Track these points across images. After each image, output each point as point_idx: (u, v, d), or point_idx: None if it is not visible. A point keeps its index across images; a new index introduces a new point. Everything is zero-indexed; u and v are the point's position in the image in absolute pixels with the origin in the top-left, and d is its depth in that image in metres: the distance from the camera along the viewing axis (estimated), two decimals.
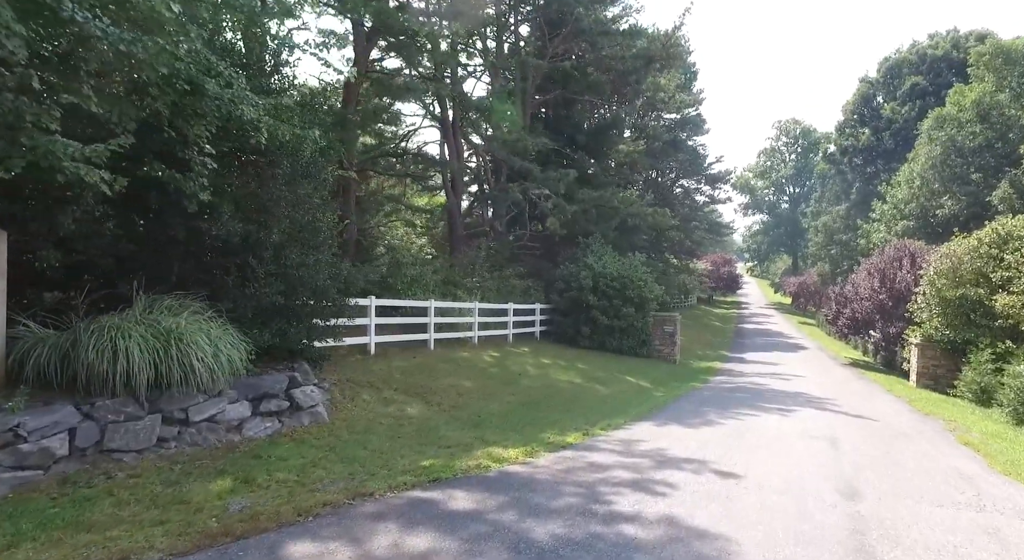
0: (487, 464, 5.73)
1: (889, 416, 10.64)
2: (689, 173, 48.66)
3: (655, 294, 19.99)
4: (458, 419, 8.32)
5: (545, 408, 9.69)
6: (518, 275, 20.97)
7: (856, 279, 23.82)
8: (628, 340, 19.25)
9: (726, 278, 64.74)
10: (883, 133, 40.92)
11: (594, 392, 12.04)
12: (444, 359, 12.34)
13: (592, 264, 19.77)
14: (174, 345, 5.29)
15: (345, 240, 14.84)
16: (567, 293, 19.59)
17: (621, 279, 19.22)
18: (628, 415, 9.43)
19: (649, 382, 14.86)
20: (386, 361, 11.05)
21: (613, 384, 13.49)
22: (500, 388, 10.74)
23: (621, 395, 12.17)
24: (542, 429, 7.96)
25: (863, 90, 43.74)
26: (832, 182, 48.21)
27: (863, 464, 6.43)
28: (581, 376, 13.57)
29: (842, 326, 23.12)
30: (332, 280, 7.89)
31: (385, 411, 8.14)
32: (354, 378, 9.46)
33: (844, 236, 42.88)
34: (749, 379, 16.70)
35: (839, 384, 16.27)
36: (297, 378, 6.97)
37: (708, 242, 61.00)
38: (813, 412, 10.73)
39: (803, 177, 74.32)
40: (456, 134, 21.99)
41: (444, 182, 22.29)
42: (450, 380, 10.63)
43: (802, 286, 52.58)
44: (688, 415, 9.65)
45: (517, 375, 12.21)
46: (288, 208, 7.29)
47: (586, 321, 19.05)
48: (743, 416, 9.77)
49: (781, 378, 17.03)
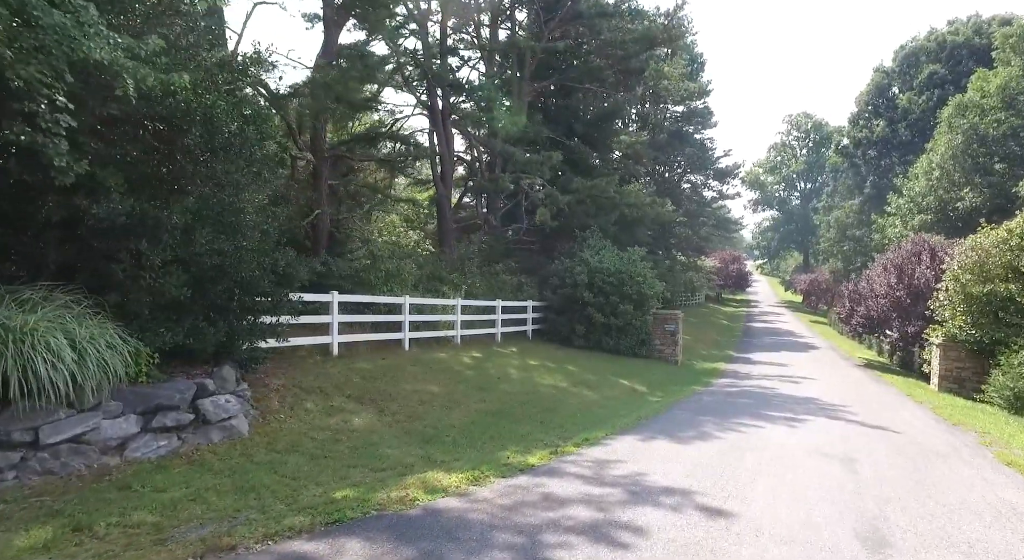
0: (415, 496, 4.58)
1: (913, 427, 9.36)
2: (696, 168, 47.23)
3: (655, 290, 18.74)
4: (410, 432, 7.18)
5: (517, 418, 8.53)
6: (509, 271, 19.80)
7: (871, 275, 22.42)
8: (626, 340, 18.02)
9: (735, 276, 63.18)
10: (899, 124, 39.28)
11: (580, 398, 10.85)
12: (417, 361, 11.22)
13: (588, 259, 18.57)
14: (10, 348, 4.18)
15: (317, 232, 13.78)
16: (561, 290, 18.40)
17: (619, 274, 17.99)
18: (612, 426, 8.24)
19: (645, 386, 13.64)
20: (348, 363, 9.95)
21: (603, 388, 12.30)
22: (472, 394, 9.60)
23: (610, 401, 10.97)
24: (505, 445, 6.80)
25: (878, 80, 42.07)
26: (845, 176, 46.57)
27: (889, 496, 5.20)
28: (569, 380, 12.39)
29: (856, 325, 21.75)
30: (263, 271, 6.76)
31: (325, 423, 7.02)
32: (304, 383, 8.35)
33: (857, 231, 41.31)
34: (755, 382, 15.43)
35: (853, 388, 14.96)
36: (208, 386, 5.85)
37: (716, 239, 59.50)
38: (825, 422, 9.47)
39: (814, 172, 72.45)
40: (446, 121, 20.83)
41: (433, 172, 21.16)
42: (416, 385, 9.49)
43: (813, 283, 50.99)
44: (682, 426, 8.45)
45: (495, 379, 11.06)
46: (201, 186, 6.18)
47: (581, 319, 17.85)
48: (745, 427, 8.55)
49: (790, 381, 15.74)
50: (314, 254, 13.64)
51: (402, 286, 14.02)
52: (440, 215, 21.08)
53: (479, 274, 18.56)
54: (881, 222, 35.00)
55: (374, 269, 13.23)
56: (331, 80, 12.10)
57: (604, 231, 21.64)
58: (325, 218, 13.56)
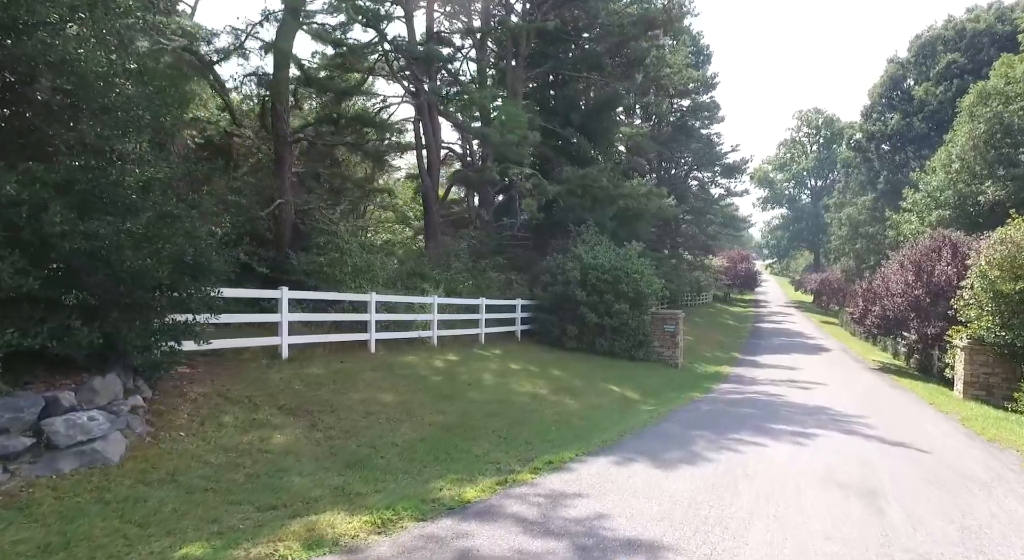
0: (284, 554, 3.40)
1: (942, 444, 8.06)
2: (703, 164, 45.84)
3: (654, 288, 17.46)
4: (337, 453, 5.99)
5: (477, 433, 7.32)
6: (497, 267, 18.60)
7: (886, 273, 20.99)
8: (622, 341, 16.75)
9: (743, 275, 61.60)
10: (914, 117, 37.64)
11: (559, 408, 9.62)
12: (381, 365, 10.05)
13: (581, 254, 17.32)
14: None
15: (280, 224, 12.65)
16: (552, 287, 17.17)
17: (614, 271, 16.73)
18: (586, 444, 7.02)
19: (638, 392, 12.38)
20: (297, 368, 8.80)
21: (589, 396, 11.05)
22: (431, 404, 8.40)
23: (593, 412, 9.73)
24: (448, 470, 5.60)
25: (892, 71, 40.43)
26: (857, 171, 44.92)
27: (929, 553, 3.94)
28: (551, 386, 11.16)
29: (870, 325, 20.34)
30: (159, 261, 5.60)
31: (236, 441, 5.85)
32: (232, 392, 7.20)
33: (870, 228, 39.64)
34: (761, 388, 14.12)
35: (869, 395, 13.61)
36: (62, 401, 4.70)
37: (724, 237, 57.94)
38: (839, 438, 8.19)
39: (825, 169, 70.70)
40: (432, 110, 19.65)
41: (419, 164, 20.00)
42: (368, 393, 8.31)
43: (824, 283, 49.39)
44: (669, 444, 7.20)
45: (465, 386, 9.85)
46: (70, 154, 5.03)
47: (573, 320, 16.60)
48: (744, 446, 7.29)
49: (799, 386, 14.42)
50: (276, 247, 12.53)
51: (372, 282, 12.87)
52: (426, 209, 19.93)
53: (465, 271, 17.39)
54: (896, 218, 33.40)
55: (339, 264, 12.08)
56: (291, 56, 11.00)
57: (601, 226, 20.36)
58: (288, 209, 12.43)
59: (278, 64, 11.75)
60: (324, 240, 12.54)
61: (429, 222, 19.87)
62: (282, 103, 11.95)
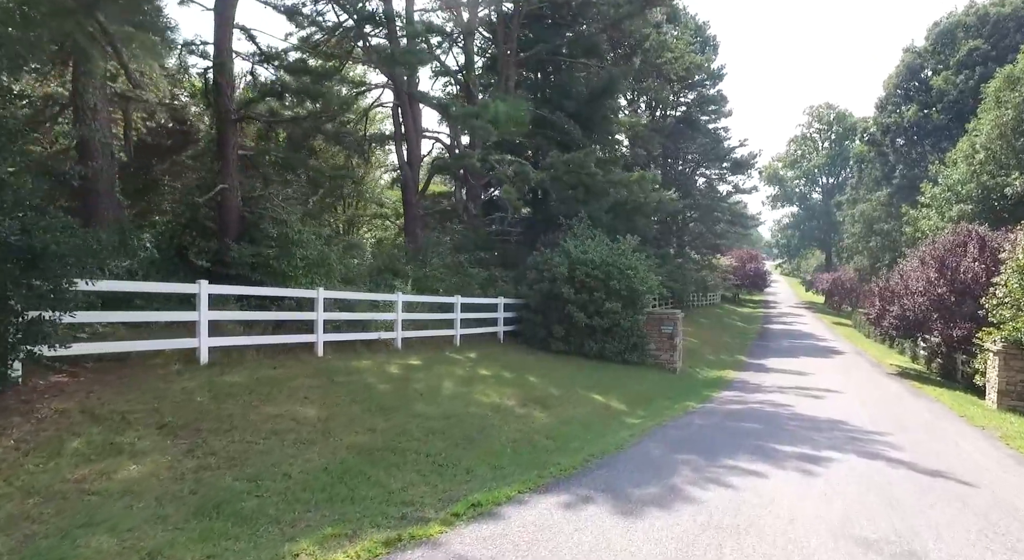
0: None
1: (990, 473, 6.52)
2: (711, 159, 44.12)
3: (649, 286, 15.93)
4: (196, 491, 4.58)
5: (404, 459, 5.89)
6: (479, 263, 17.16)
7: (905, 270, 19.34)
8: (613, 343, 15.26)
9: (752, 275, 59.78)
10: (932, 108, 35.80)
11: (523, 423, 8.16)
12: (321, 371, 8.65)
13: (570, 249, 15.86)
14: None
15: (225, 212, 11.29)
16: (538, 284, 15.71)
17: (605, 267, 15.24)
18: (540, 473, 5.58)
19: (625, 402, 10.90)
20: (213, 375, 7.43)
21: (565, 407, 9.58)
22: (362, 419, 6.98)
23: (564, 428, 8.27)
24: (334, 518, 4.18)
25: (908, 61, 38.57)
26: (871, 166, 43.04)
27: None
28: (522, 395, 9.69)
29: (888, 327, 18.69)
30: None
31: (63, 477, 4.46)
32: (99, 408, 5.80)
33: (885, 225, 37.82)
34: (766, 396, 12.57)
35: (889, 405, 12.03)
36: None
37: (732, 236, 56.11)
38: (859, 464, 6.68)
39: (837, 166, 68.67)
40: (413, 95, 18.30)
41: (398, 153, 18.62)
42: (287, 406, 6.91)
43: (836, 283, 47.55)
44: (645, 475, 5.74)
45: (416, 396, 8.42)
46: None
47: (560, 319, 15.13)
48: (739, 478, 5.81)
49: (810, 394, 12.86)
50: (220, 238, 11.18)
51: (328, 278, 11.51)
52: (406, 201, 18.55)
53: (443, 267, 15.99)
54: (913, 214, 31.61)
55: (286, 256, 10.71)
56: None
57: (596, 220, 18.87)
58: (233, 195, 11.07)
59: (219, 28, 10.41)
60: (278, 231, 11.18)
61: (409, 215, 18.50)
62: (224, 75, 10.61)
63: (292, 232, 10.99)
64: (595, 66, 22.53)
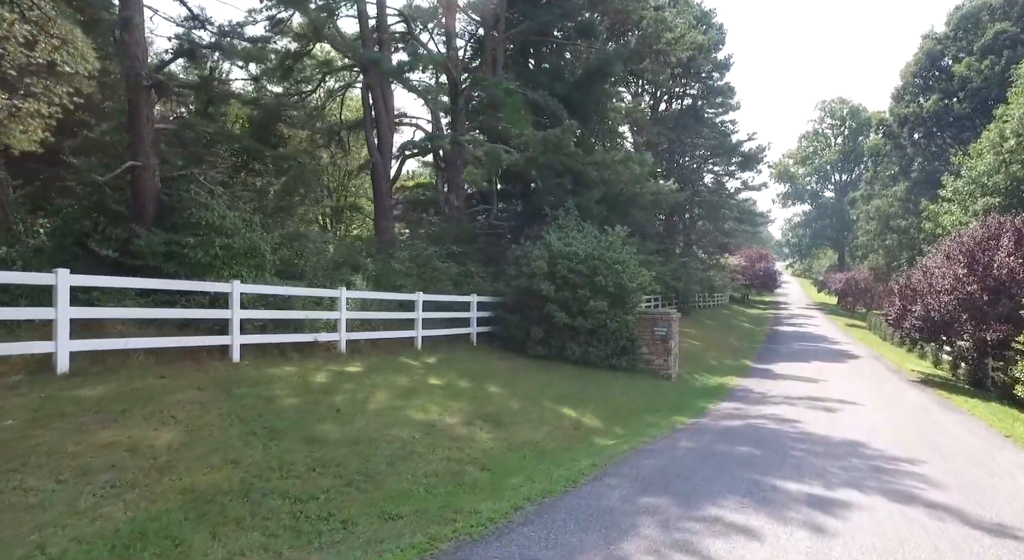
0: None
1: None
2: (718, 154, 42.17)
3: (640, 282, 14.22)
4: None
5: (257, 510, 4.28)
6: (454, 257, 15.54)
7: (929, 266, 17.44)
8: (598, 346, 13.57)
9: (762, 275, 57.69)
10: (954, 97, 33.70)
11: (459, 449, 6.52)
12: (219, 381, 7.07)
13: (552, 241, 14.21)
14: None
15: (139, 194, 9.75)
16: (516, 281, 14.08)
17: (590, 261, 13.57)
18: (439, 532, 3.95)
19: (601, 417, 9.22)
20: (67, 387, 5.90)
21: (521, 426, 7.92)
22: (230, 447, 5.37)
23: (509, 455, 6.61)
24: None
25: (928, 48, 36.45)
26: (887, 160, 40.90)
27: None
28: (471, 410, 8.04)
29: (910, 329, 16.82)
30: None
31: None
32: None
33: (903, 222, 35.72)
34: (771, 409, 10.83)
35: (917, 420, 10.23)
36: None
37: (741, 235, 54.08)
38: (889, 513, 4.97)
39: (850, 163, 66.33)
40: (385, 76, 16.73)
41: (367, 138, 17.05)
42: (137, 430, 5.32)
43: (850, 283, 45.41)
44: (588, 535, 4.09)
45: (331, 412, 6.81)
46: None
47: (539, 320, 13.48)
48: (721, 541, 4.13)
49: (822, 407, 11.11)
50: (133, 223, 9.64)
51: (259, 270, 9.96)
52: (376, 190, 16.99)
53: (410, 260, 14.41)
54: (933, 209, 29.56)
55: (205, 245, 9.15)
56: None
57: (586, 212, 17.19)
58: (148, 175, 9.52)
59: None
60: (201, 216, 9.62)
61: (379, 206, 16.93)
62: (131, 33, 9.08)
63: (214, 217, 9.44)
64: (589, 48, 20.88)
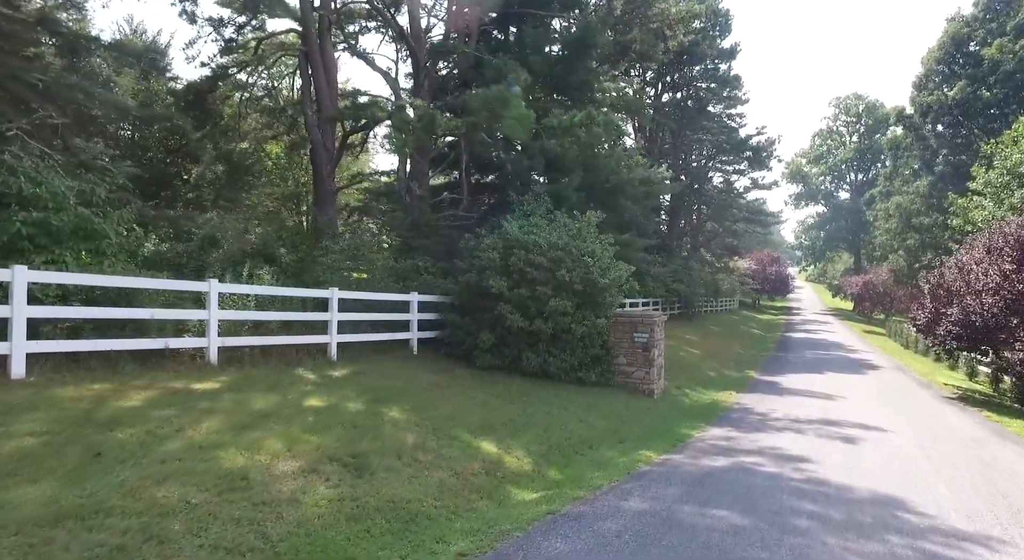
0: None
1: None
2: (725, 150, 39.50)
3: (615, 277, 11.74)
4: None
5: None
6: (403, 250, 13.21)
7: (965, 262, 14.75)
8: (562, 356, 11.09)
9: (774, 279, 54.67)
10: (983, 83, 30.83)
11: (263, 521, 4.12)
12: None
13: (509, 229, 11.82)
14: None
15: None
16: (464, 276, 11.72)
17: (553, 252, 11.15)
18: None
19: (536, 454, 6.76)
20: None
21: (400, 473, 5.47)
22: None
23: (338, 531, 4.18)
24: None
25: (953, 31, 33.61)
26: (907, 154, 37.99)
27: None
28: (333, 447, 5.61)
29: (945, 336, 14.13)
30: None
31: None
32: None
33: (926, 219, 32.82)
34: (771, 439, 8.28)
35: (972, 459, 7.62)
36: None
37: (751, 237, 51.30)
38: None
39: (867, 162, 63.22)
40: (324, 36, 14.51)
41: (304, 111, 14.78)
42: None
43: (868, 286, 42.43)
44: None
45: (85, 458, 4.44)
46: None
47: (491, 323, 11.06)
48: None
49: (838, 434, 8.55)
50: None
51: (97, 255, 7.68)
52: (315, 171, 14.73)
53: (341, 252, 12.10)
54: (962, 203, 26.74)
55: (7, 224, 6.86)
56: None
57: (561, 200, 14.80)
58: None
59: None
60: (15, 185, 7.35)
61: (319, 191, 14.66)
62: None
63: (23, 185, 7.15)
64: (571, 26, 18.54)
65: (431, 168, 18.15)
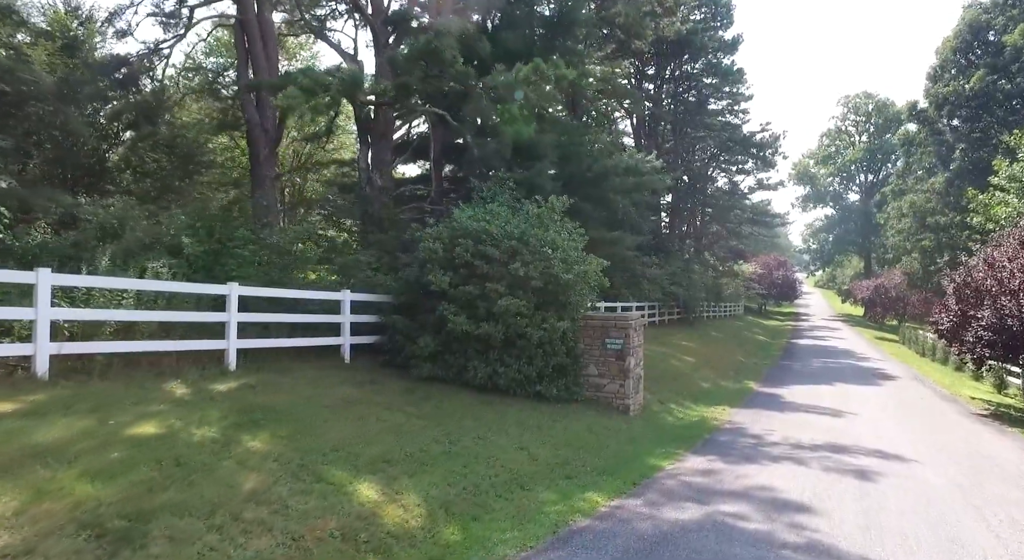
0: None
1: None
2: (727, 148, 37.64)
3: (582, 273, 9.90)
4: None
5: None
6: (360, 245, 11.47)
7: (996, 258, 12.82)
8: (517, 365, 9.26)
9: (781, 283, 52.45)
10: (1003, 72, 28.84)
11: None
12: None
13: (457, 216, 10.05)
14: None
15: None
16: (405, 271, 9.97)
17: (507, 242, 9.36)
18: None
19: (440, 500, 4.96)
20: None
21: (208, 538, 3.70)
22: None
23: None
24: None
25: (971, 19, 31.66)
26: (921, 150, 35.95)
27: None
28: (109, 505, 3.85)
29: (974, 343, 12.19)
30: None
31: None
32: None
33: (942, 218, 30.75)
34: (762, 475, 6.41)
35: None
36: None
37: (757, 240, 49.30)
38: None
39: (877, 162, 61.07)
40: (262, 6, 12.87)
41: (239, 86, 13.14)
42: None
43: (879, 290, 40.30)
44: None
45: None
46: None
47: (433, 326, 9.29)
48: None
49: (850, 467, 6.67)
50: None
51: None
52: (252, 154, 13.06)
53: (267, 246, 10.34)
54: (983, 199, 24.72)
55: None
56: None
57: (535, 189, 12.97)
58: None
59: None
60: None
61: (256, 176, 12.99)
62: None
63: None
64: None
65: (394, 158, 16.51)
